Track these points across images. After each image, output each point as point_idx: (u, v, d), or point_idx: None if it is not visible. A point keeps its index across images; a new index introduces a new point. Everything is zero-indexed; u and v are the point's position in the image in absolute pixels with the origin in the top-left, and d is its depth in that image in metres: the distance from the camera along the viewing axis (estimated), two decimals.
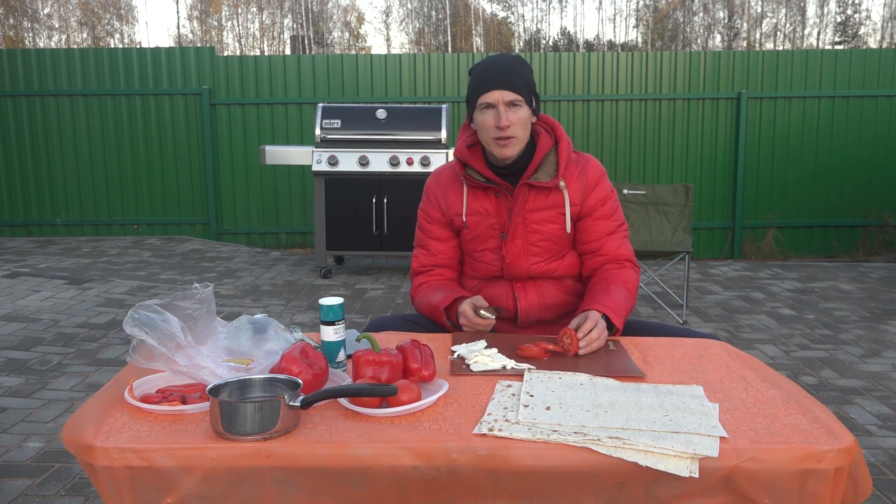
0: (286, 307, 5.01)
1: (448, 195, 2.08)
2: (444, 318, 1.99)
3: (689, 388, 1.48)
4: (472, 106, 1.96)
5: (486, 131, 1.93)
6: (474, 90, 1.94)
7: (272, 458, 1.20)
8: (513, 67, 1.92)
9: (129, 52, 7.61)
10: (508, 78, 1.90)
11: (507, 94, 1.89)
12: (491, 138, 1.93)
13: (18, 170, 7.67)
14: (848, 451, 1.22)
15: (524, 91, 1.91)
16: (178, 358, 1.41)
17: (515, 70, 1.91)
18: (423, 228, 2.14)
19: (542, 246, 2.02)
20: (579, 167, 2.03)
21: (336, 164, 5.79)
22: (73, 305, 4.81)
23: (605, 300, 1.88)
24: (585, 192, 2.01)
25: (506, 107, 1.90)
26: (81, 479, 2.49)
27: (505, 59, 1.95)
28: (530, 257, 2.03)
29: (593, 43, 37.63)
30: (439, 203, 2.10)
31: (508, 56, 1.97)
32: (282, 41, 37.73)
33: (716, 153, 7.49)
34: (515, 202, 1.99)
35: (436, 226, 2.11)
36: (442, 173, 2.13)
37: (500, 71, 1.90)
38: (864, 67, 7.37)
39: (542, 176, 1.98)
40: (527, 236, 2.01)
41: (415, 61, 7.59)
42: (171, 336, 1.41)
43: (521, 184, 1.97)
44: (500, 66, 1.92)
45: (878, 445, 2.83)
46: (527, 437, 1.23)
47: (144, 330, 1.39)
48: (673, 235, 5.09)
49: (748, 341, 4.26)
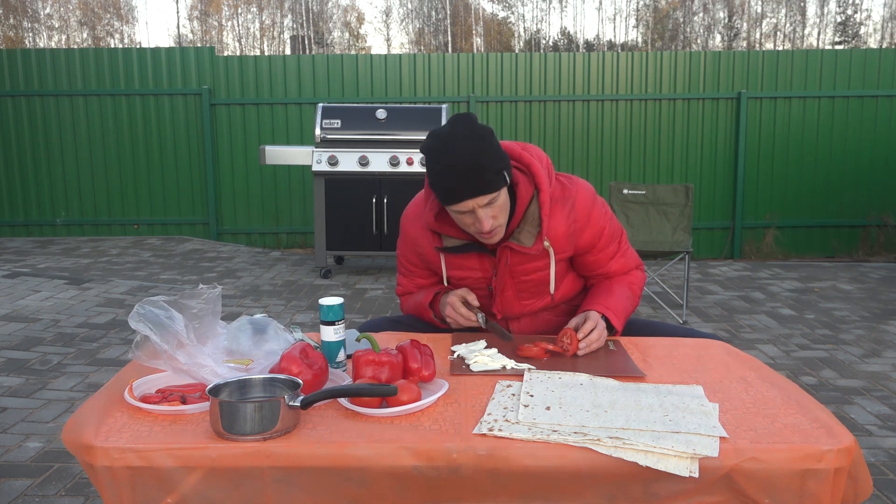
0: (286, 307, 5.01)
1: (423, 247, 1.94)
2: (430, 315, 1.96)
3: (689, 388, 1.48)
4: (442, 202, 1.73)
5: (465, 227, 1.77)
6: (443, 198, 1.70)
7: (272, 458, 1.20)
8: (478, 164, 1.64)
9: (129, 52, 7.61)
10: (476, 183, 1.65)
11: (480, 199, 1.68)
12: (472, 233, 1.78)
13: (18, 170, 7.67)
14: (848, 451, 1.22)
15: (496, 183, 1.68)
16: (179, 356, 1.41)
17: (480, 167, 1.65)
18: (404, 265, 2.05)
19: (534, 290, 1.92)
20: (566, 206, 1.83)
21: (336, 164, 5.79)
22: (73, 305, 4.81)
23: (606, 301, 1.87)
24: (577, 232, 1.85)
25: (483, 208, 1.69)
26: (81, 479, 2.49)
27: (462, 151, 1.65)
28: (522, 301, 1.94)
29: (593, 43, 37.64)
30: (416, 249, 1.97)
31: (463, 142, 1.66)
32: (282, 41, 37.73)
33: (716, 153, 7.49)
34: (499, 262, 1.86)
35: (418, 268, 2.02)
36: (418, 216, 1.93)
37: (465, 174, 1.64)
38: (864, 67, 7.37)
39: (525, 238, 1.80)
40: (516, 286, 1.91)
41: (415, 61, 7.59)
42: (174, 333, 1.41)
43: (503, 247, 1.82)
44: (462, 165, 1.64)
45: (878, 445, 2.83)
46: (527, 437, 1.23)
47: (149, 325, 1.39)
48: (673, 235, 5.09)
49: (748, 341, 4.25)
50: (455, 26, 37.17)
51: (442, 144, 1.67)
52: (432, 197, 1.84)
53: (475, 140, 1.66)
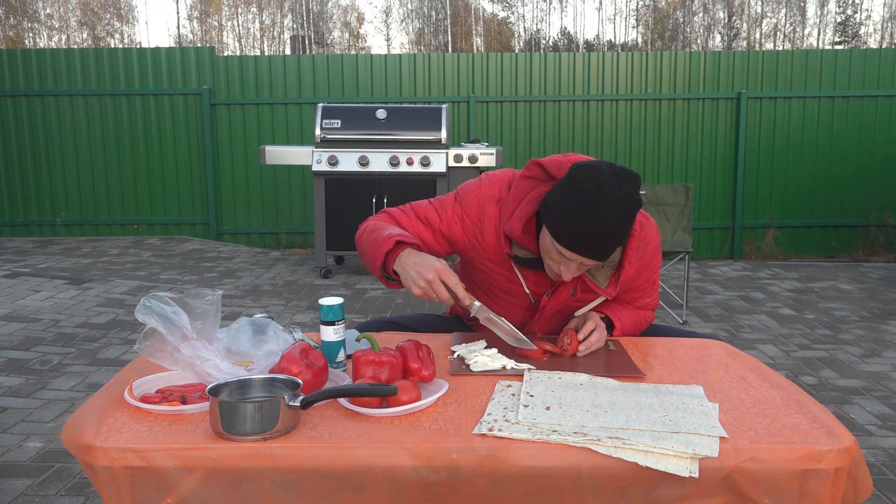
0: (286, 307, 5.01)
1: (485, 236, 1.78)
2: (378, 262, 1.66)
3: (689, 388, 1.48)
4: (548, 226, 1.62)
5: (547, 258, 1.68)
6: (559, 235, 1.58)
7: (272, 459, 1.20)
8: (613, 239, 1.57)
9: (129, 52, 7.61)
10: (599, 251, 1.59)
11: (587, 262, 1.62)
12: (547, 264, 1.70)
13: (18, 170, 7.66)
14: (848, 451, 1.22)
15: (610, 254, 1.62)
16: (184, 348, 1.41)
17: (613, 243, 1.58)
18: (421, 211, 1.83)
19: (574, 308, 1.87)
20: (641, 249, 1.77)
21: (336, 164, 5.79)
22: (73, 305, 4.81)
23: (616, 311, 1.86)
24: (637, 274, 1.82)
25: (579, 265, 1.64)
26: (81, 479, 2.49)
27: (612, 222, 1.54)
28: (556, 321, 1.90)
29: (593, 43, 37.63)
30: (476, 237, 1.79)
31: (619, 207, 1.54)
32: (282, 41, 37.73)
33: (716, 153, 7.49)
34: (561, 287, 1.79)
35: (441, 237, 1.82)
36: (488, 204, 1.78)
37: (598, 242, 1.57)
38: (864, 67, 7.37)
39: (600, 276, 1.75)
40: (562, 310, 1.86)
41: (415, 61, 7.59)
42: (180, 327, 1.42)
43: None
44: (602, 234, 1.55)
45: (878, 445, 2.83)
46: (527, 438, 1.23)
47: (155, 318, 1.40)
48: (673, 235, 5.09)
49: (748, 341, 4.25)
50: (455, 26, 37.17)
51: (599, 194, 1.53)
52: (525, 202, 1.70)
53: (629, 213, 1.57)
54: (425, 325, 2.03)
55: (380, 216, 1.86)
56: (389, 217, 1.85)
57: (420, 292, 1.60)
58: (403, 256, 1.65)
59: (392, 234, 1.67)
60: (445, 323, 2.09)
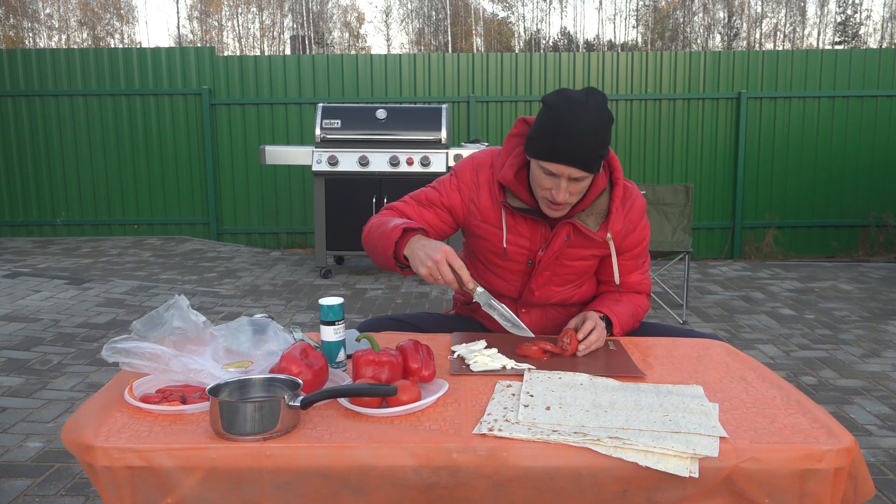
0: (286, 307, 5.01)
1: (481, 198, 1.89)
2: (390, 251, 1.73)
3: (689, 388, 1.48)
4: (532, 153, 1.73)
5: (539, 189, 1.76)
6: (540, 148, 1.69)
7: (272, 459, 1.20)
8: (593, 138, 1.65)
9: (129, 52, 7.61)
10: (583, 154, 1.66)
11: (574, 172, 1.68)
12: (542, 197, 1.77)
13: (18, 170, 7.66)
14: (848, 451, 1.22)
15: (595, 166, 1.70)
16: (172, 366, 1.41)
17: (594, 142, 1.66)
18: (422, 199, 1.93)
19: (567, 278, 1.93)
20: (626, 206, 1.88)
21: (336, 164, 5.79)
22: (73, 305, 4.81)
23: (612, 307, 1.88)
24: (626, 233, 1.89)
25: (568, 180, 1.71)
26: (81, 479, 2.49)
27: (588, 120, 1.65)
28: (552, 287, 1.94)
29: (593, 43, 37.64)
30: (473, 200, 1.90)
31: (592, 113, 1.66)
32: (282, 41, 37.73)
33: (716, 153, 7.49)
34: (555, 237, 1.85)
35: (444, 212, 1.91)
36: (482, 169, 1.90)
37: (577, 142, 1.65)
38: (864, 67, 7.37)
39: (590, 222, 1.82)
40: (555, 269, 1.90)
41: (415, 61, 7.59)
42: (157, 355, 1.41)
43: (566, 222, 1.82)
44: (580, 133, 1.64)
45: (878, 445, 2.83)
46: (527, 437, 1.23)
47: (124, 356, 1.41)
48: (673, 235, 5.09)
49: (748, 341, 4.25)
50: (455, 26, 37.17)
51: (571, 105, 1.67)
52: (515, 154, 1.84)
53: (602, 121, 1.67)
54: (428, 323, 2.05)
55: (382, 212, 1.94)
56: (393, 210, 1.93)
57: (426, 272, 1.65)
58: (412, 241, 1.72)
59: (398, 224, 1.75)
60: (448, 322, 2.10)
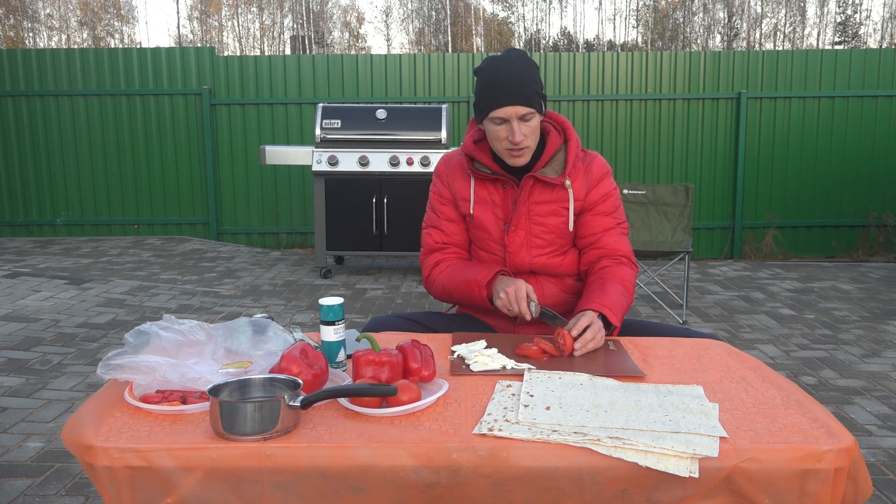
0: (286, 307, 5.01)
1: (456, 180, 2.11)
2: (482, 293, 1.98)
3: (689, 388, 1.48)
4: (481, 115, 1.95)
5: (499, 142, 1.95)
6: (485, 103, 1.91)
7: (272, 459, 1.20)
8: (522, 77, 1.89)
9: (129, 52, 7.61)
10: (520, 91, 1.88)
11: (519, 109, 1.88)
12: (504, 149, 1.95)
13: (18, 170, 7.67)
14: (848, 451, 1.22)
15: (535, 102, 1.90)
16: (170, 376, 1.41)
17: (525, 79, 1.89)
18: (435, 209, 2.16)
19: (545, 238, 2.05)
20: (585, 164, 2.07)
21: (336, 164, 5.79)
22: (73, 305, 4.81)
23: (601, 298, 1.87)
24: (589, 188, 2.06)
25: (518, 121, 1.90)
26: (81, 479, 2.49)
27: (512, 65, 1.90)
28: (532, 249, 2.05)
29: (593, 43, 37.64)
30: (449, 185, 2.13)
31: (515, 60, 1.92)
32: (282, 41, 37.73)
33: (716, 153, 7.50)
34: (521, 193, 2.02)
35: (448, 207, 2.13)
36: (451, 158, 2.16)
37: (511, 83, 1.87)
38: (864, 67, 7.37)
39: (550, 172, 2.01)
40: (529, 227, 2.04)
41: (415, 61, 7.59)
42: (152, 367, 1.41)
43: (528, 176, 2.00)
44: (510, 76, 1.88)
45: (878, 445, 2.83)
46: (527, 438, 1.23)
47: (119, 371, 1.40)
48: (673, 235, 5.09)
49: (748, 341, 4.26)
50: (455, 26, 37.18)
51: (495, 61, 1.92)
52: (472, 132, 2.08)
53: (525, 62, 1.92)
54: (435, 322, 2.09)
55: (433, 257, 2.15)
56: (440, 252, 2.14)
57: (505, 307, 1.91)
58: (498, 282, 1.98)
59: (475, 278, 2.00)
60: (452, 321, 2.14)
